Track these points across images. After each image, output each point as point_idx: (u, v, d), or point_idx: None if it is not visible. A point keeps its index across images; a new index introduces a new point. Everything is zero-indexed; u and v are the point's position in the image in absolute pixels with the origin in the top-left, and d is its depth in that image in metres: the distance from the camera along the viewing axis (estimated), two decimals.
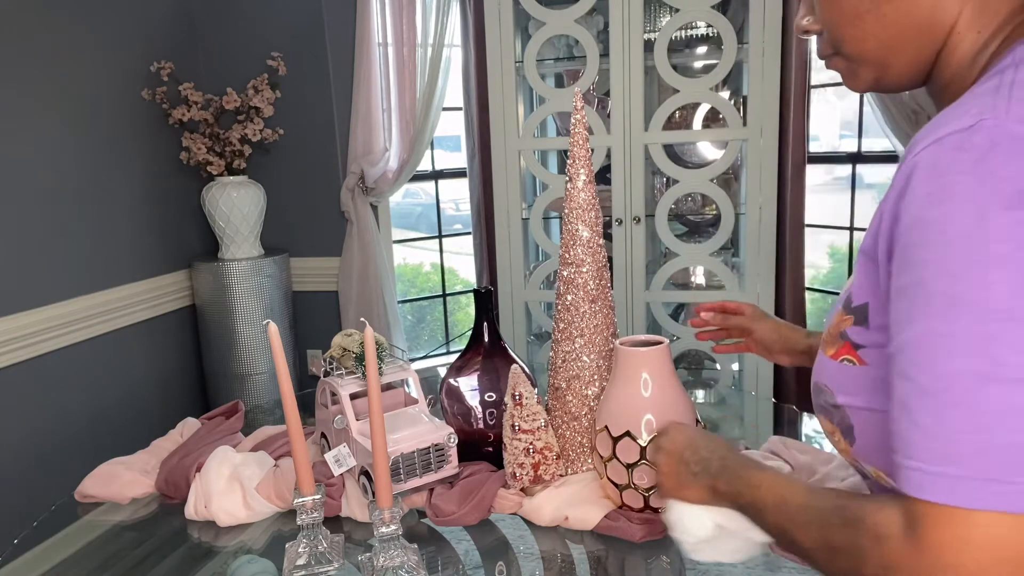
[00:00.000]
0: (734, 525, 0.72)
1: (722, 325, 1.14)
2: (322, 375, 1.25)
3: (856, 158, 2.87)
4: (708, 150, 2.88)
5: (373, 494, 1.05)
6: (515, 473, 1.13)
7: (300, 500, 0.98)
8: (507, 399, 1.14)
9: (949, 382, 0.48)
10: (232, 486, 1.16)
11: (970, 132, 0.49)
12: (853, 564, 0.54)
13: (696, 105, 2.79)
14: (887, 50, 0.61)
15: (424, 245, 3.71)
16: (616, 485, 1.05)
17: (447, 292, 3.48)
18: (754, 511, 0.66)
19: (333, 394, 1.21)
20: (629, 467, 1.03)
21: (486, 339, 1.25)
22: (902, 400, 0.51)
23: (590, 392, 1.16)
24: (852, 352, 0.61)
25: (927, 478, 0.48)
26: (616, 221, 2.66)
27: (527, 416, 1.13)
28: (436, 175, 3.28)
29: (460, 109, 3.07)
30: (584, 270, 1.15)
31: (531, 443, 1.12)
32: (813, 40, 0.69)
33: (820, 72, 2.73)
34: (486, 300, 1.25)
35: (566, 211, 1.15)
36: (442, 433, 1.13)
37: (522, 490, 1.13)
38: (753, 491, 0.66)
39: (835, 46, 0.65)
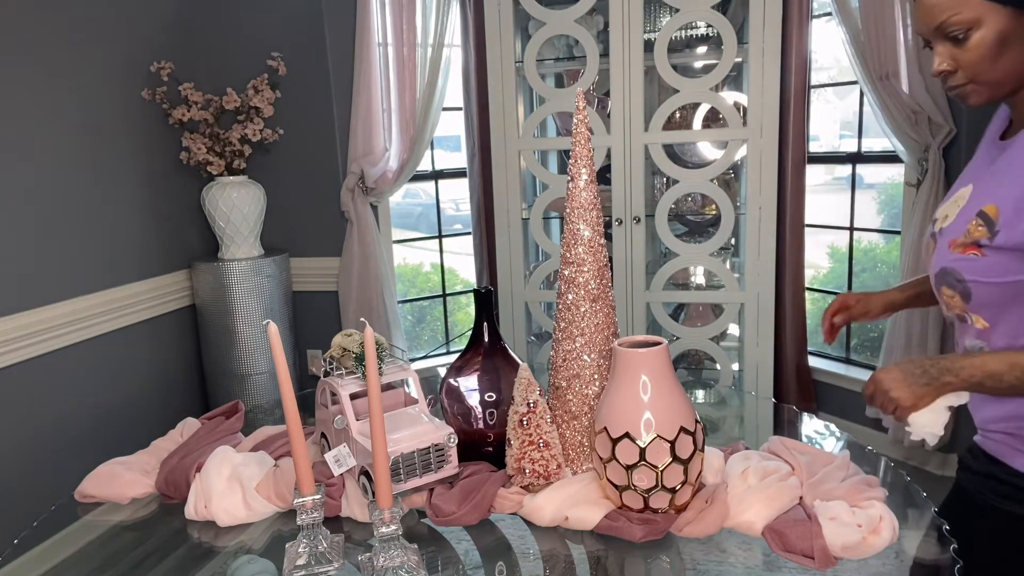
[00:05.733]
0: (953, 400, 0.98)
1: (842, 323, 1.33)
2: (322, 375, 1.25)
3: (856, 158, 2.87)
4: (708, 150, 2.88)
5: (373, 494, 1.05)
6: (521, 468, 1.13)
7: (300, 500, 0.98)
8: (515, 393, 1.14)
9: None
10: (232, 486, 1.16)
11: None
12: None
13: (696, 105, 2.79)
14: (1010, 77, 0.94)
15: (424, 245, 3.71)
16: (615, 486, 1.05)
17: (447, 292, 3.49)
18: (993, 381, 0.94)
19: (333, 394, 1.21)
20: (628, 468, 1.02)
21: (486, 339, 1.25)
22: None
23: (590, 391, 1.16)
24: (978, 250, 0.96)
25: None
26: (616, 221, 2.66)
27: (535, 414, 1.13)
28: (436, 175, 3.28)
29: (460, 109, 3.07)
30: (585, 269, 1.15)
31: (536, 439, 1.12)
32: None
33: (820, 72, 2.73)
34: (486, 300, 1.25)
35: (568, 210, 1.15)
36: (442, 433, 1.13)
37: (524, 487, 1.13)
38: (983, 368, 0.94)
39: (970, 78, 0.95)
